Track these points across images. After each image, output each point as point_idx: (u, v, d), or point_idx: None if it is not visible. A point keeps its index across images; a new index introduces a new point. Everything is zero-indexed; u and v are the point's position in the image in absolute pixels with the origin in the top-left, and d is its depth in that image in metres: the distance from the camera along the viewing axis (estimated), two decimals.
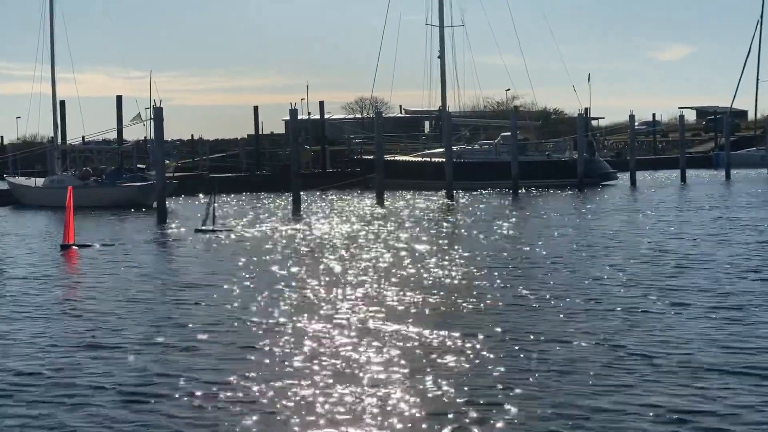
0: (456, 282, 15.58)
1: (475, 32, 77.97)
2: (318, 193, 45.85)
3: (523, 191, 44.22)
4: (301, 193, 37.87)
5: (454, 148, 46.94)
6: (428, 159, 51.84)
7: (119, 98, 51.95)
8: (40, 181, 44.49)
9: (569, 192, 44.11)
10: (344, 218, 31.00)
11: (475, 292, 14.29)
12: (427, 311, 12.89)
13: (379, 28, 58.09)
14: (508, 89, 77.48)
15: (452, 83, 53.91)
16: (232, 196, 47.32)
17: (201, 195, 45.02)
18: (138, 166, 45.81)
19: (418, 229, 26.25)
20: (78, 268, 19.81)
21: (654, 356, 9.82)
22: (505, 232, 25.06)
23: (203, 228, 26.65)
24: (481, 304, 13.26)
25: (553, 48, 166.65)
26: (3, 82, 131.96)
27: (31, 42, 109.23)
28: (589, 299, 13.46)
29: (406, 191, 45.97)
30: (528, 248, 20.56)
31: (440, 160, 46.59)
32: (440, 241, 22.71)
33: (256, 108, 61.64)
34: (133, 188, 40.51)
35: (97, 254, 21.79)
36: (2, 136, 75.17)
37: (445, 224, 28.20)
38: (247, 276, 17.04)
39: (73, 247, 22.75)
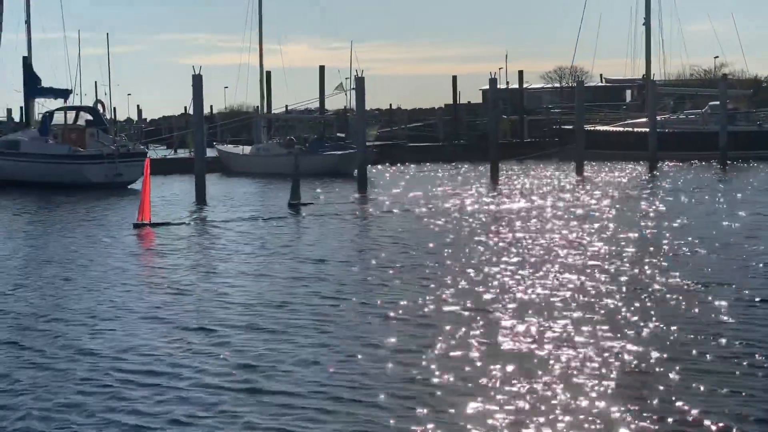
0: (651, 265, 15.01)
1: None
2: (516, 164, 45.45)
3: (732, 163, 42.27)
4: (499, 162, 37.67)
5: (658, 118, 45.44)
6: (630, 129, 50.44)
7: (322, 68, 53.21)
8: (247, 149, 46.20)
9: None
10: (542, 189, 30.59)
11: (674, 278, 13.62)
12: (614, 298, 12.42)
13: None
14: (717, 57, 74.12)
15: (657, 51, 52.28)
16: (429, 165, 47.59)
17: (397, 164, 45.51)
18: (338, 134, 46.82)
19: (618, 202, 25.57)
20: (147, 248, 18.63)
21: None
22: (712, 207, 24.03)
23: (294, 203, 25.98)
24: (679, 295, 12.61)
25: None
26: (212, 54, 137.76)
27: (239, 14, 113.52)
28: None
29: (606, 162, 44.91)
30: (735, 225, 19.63)
31: (643, 130, 45.23)
32: (641, 217, 22.01)
33: (454, 78, 61.81)
34: (335, 156, 41.46)
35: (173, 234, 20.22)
36: (211, 106, 78.40)
37: (647, 198, 27.30)
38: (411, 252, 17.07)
39: (148, 226, 21.15)
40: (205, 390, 8.13)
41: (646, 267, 13.96)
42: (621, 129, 51.74)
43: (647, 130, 42.99)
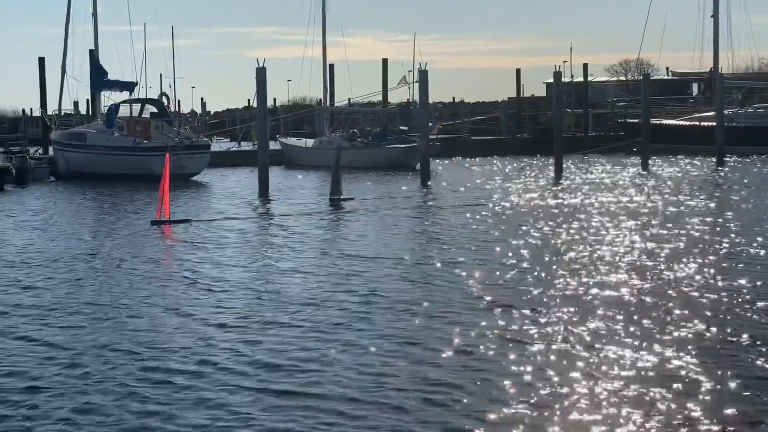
0: (713, 265, 14.61)
1: None
2: (580, 158, 44.95)
3: None
4: (563, 156, 37.25)
5: (726, 112, 44.58)
6: (697, 123, 49.62)
7: (385, 61, 53.12)
8: (310, 142, 46.34)
9: None
10: (607, 184, 30.16)
11: (736, 280, 13.27)
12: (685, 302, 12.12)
13: None
14: None
15: (725, 44, 51.21)
16: (492, 158, 47.28)
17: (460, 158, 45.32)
18: (400, 128, 46.77)
19: (684, 198, 25.09)
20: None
21: None
22: None
23: (334, 198, 25.41)
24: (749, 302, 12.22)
25: None
26: (276, 47, 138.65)
27: (302, 7, 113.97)
28: None
29: (672, 156, 44.21)
30: None
31: (710, 124, 44.42)
32: (707, 214, 21.54)
33: (518, 71, 61.40)
34: (398, 150, 41.43)
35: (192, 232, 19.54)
36: (275, 98, 78.83)
37: (713, 194, 26.73)
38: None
39: (168, 223, 20.51)
40: (231, 390, 8.04)
41: (709, 267, 13.62)
42: (687, 123, 50.95)
43: (714, 124, 42.20)
